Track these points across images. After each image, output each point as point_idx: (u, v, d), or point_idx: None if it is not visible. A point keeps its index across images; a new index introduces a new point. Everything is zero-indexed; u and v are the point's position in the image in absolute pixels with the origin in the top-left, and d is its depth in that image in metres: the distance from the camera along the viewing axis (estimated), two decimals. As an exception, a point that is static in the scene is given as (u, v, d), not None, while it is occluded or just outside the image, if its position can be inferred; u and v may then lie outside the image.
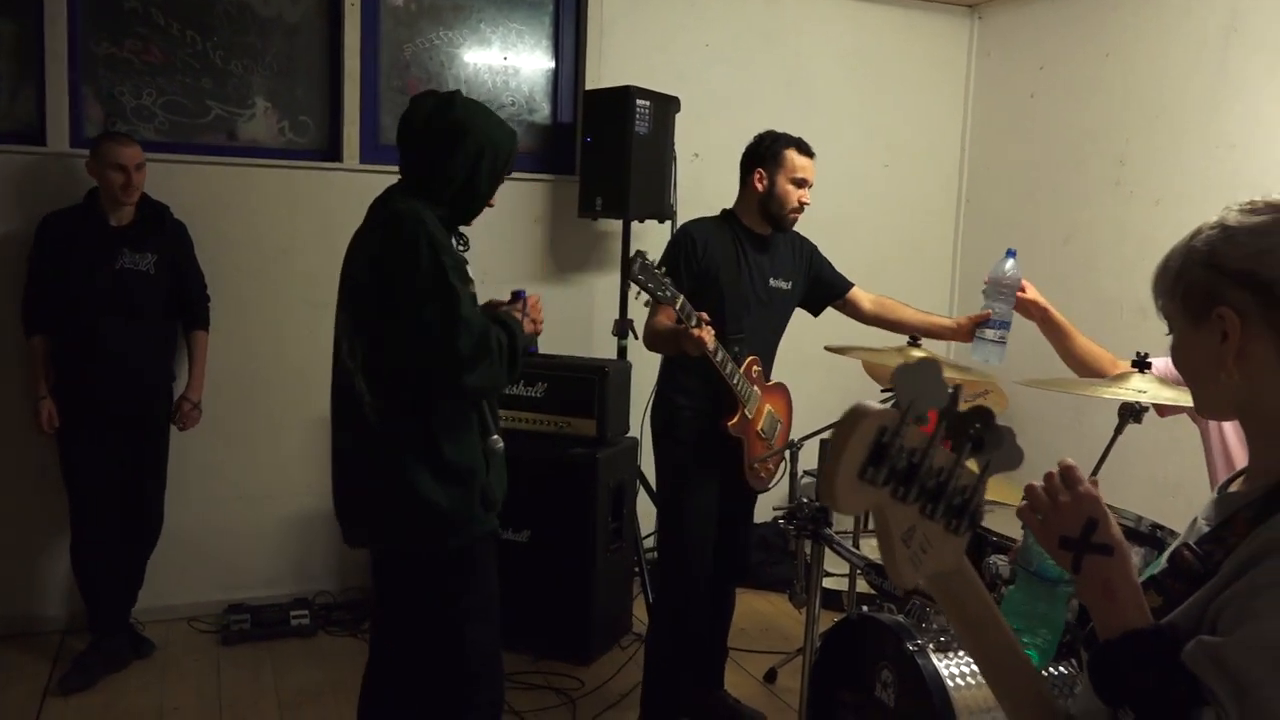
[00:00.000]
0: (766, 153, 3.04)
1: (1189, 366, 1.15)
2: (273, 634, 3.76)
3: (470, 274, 2.24)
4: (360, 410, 2.21)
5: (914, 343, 2.92)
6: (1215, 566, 1.07)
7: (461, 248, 2.31)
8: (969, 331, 2.96)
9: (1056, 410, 4.32)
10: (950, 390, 0.90)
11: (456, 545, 2.24)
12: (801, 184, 3.05)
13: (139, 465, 3.52)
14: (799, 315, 4.95)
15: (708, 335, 2.77)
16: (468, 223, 2.36)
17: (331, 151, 4.09)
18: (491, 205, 2.37)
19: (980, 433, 0.93)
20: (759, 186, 3.03)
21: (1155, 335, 4.06)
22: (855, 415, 0.87)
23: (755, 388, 3.02)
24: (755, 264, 3.08)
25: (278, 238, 3.97)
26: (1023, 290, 2.84)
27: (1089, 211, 4.36)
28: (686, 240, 3.03)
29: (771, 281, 3.12)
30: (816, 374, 4.52)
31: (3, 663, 3.50)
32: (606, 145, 4.03)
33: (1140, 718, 1.02)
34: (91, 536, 3.46)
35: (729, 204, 3.20)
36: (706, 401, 3.02)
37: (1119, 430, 2.10)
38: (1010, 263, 2.80)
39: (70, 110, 3.71)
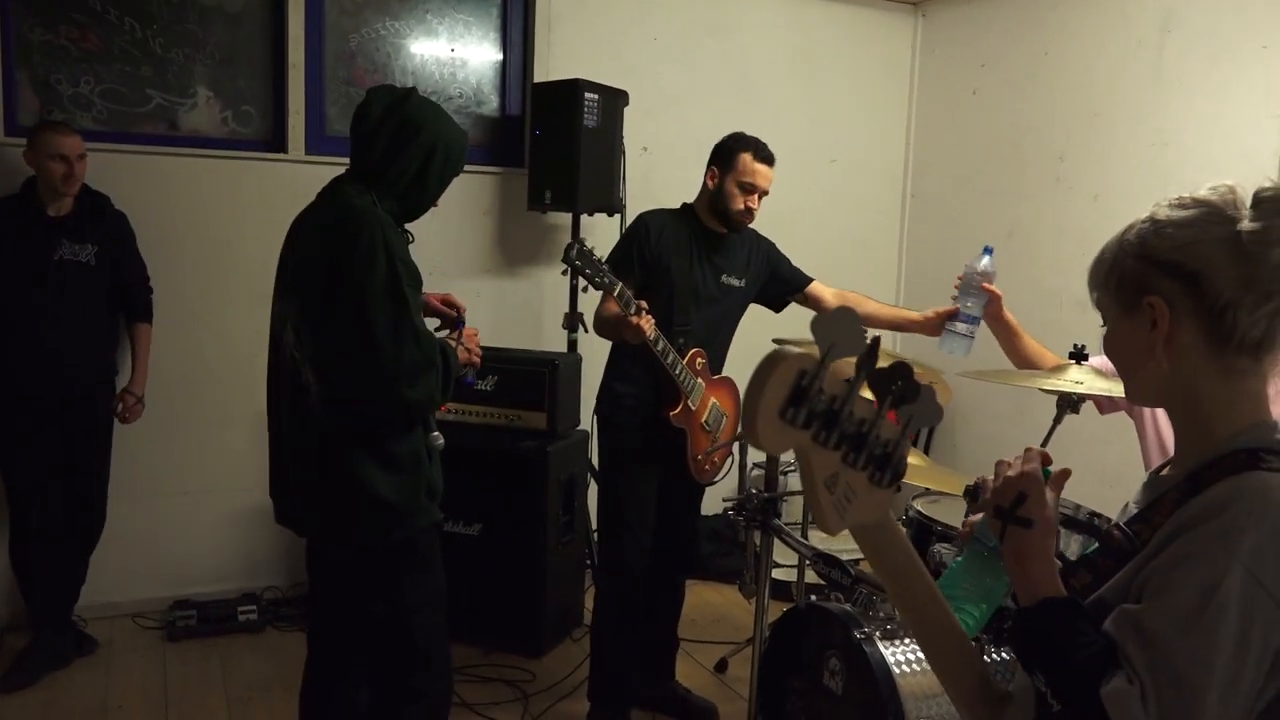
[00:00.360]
0: (724, 152, 3.07)
1: (1121, 355, 1.21)
2: (220, 630, 3.73)
3: (418, 274, 2.25)
4: (305, 400, 2.19)
5: (861, 336, 2.95)
6: (1143, 545, 1.12)
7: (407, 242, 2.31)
8: (937, 325, 3.02)
9: (999, 402, 4.42)
10: (869, 340, 0.91)
11: (402, 537, 2.25)
12: (750, 189, 3.06)
13: (80, 460, 3.46)
14: (759, 309, 5.01)
15: (646, 324, 2.80)
16: (413, 219, 2.36)
17: (276, 142, 4.04)
18: (436, 205, 2.39)
19: (901, 389, 0.95)
20: (709, 183, 3.08)
21: (1093, 328, 4.15)
22: (775, 356, 0.89)
23: (699, 380, 3.05)
24: (708, 259, 3.11)
25: (221, 229, 3.91)
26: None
27: (1030, 207, 4.46)
28: (641, 228, 3.06)
29: (724, 278, 3.15)
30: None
31: (-62, 664, 3.42)
32: (555, 138, 4.03)
33: (1050, 682, 1.07)
34: (31, 533, 3.39)
35: (677, 198, 3.22)
36: (649, 390, 3.05)
37: (1057, 420, 2.16)
38: (986, 259, 2.87)
39: (4, 98, 3.62)
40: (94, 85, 3.79)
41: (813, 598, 2.78)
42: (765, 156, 3.07)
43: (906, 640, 2.50)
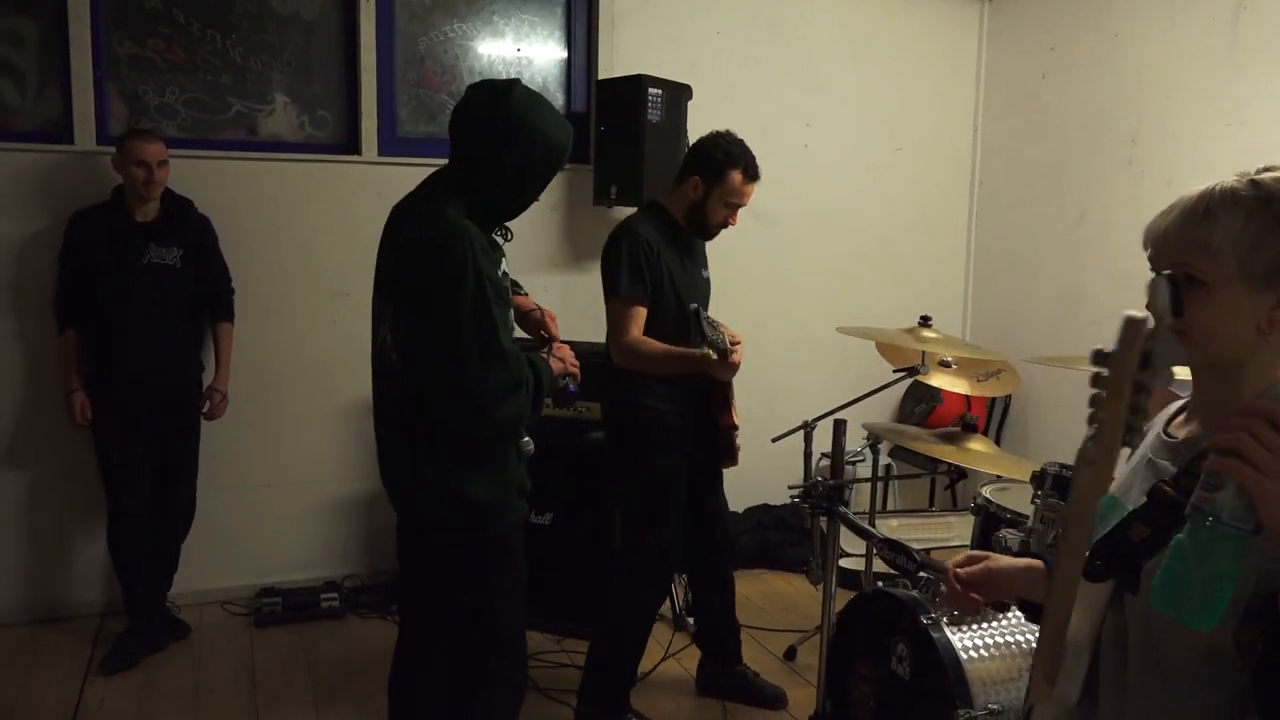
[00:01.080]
0: (712, 164, 2.95)
1: (1223, 323, 1.20)
2: (303, 616, 3.87)
3: (509, 290, 2.23)
4: (400, 400, 2.21)
5: (925, 322, 2.96)
6: None
7: (502, 238, 2.28)
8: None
9: (1069, 391, 4.36)
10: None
11: (493, 534, 2.28)
12: (735, 208, 3.00)
13: (171, 455, 3.62)
14: (810, 295, 5.03)
15: (738, 356, 2.77)
16: (511, 219, 2.29)
17: (349, 145, 4.16)
18: (538, 200, 2.30)
19: (1159, 349, 1.04)
20: (691, 193, 2.98)
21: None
22: (1133, 322, 1.03)
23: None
24: (689, 257, 3.07)
25: (298, 230, 4.05)
26: None
27: (1102, 190, 4.39)
28: (640, 242, 2.92)
29: (704, 273, 3.15)
30: (830, 356, 4.59)
31: (45, 644, 3.61)
32: (620, 134, 4.08)
33: None
34: (127, 524, 3.56)
35: None
36: (688, 404, 3.01)
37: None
38: None
39: (95, 109, 3.79)
40: (178, 95, 3.95)
41: (879, 584, 2.79)
42: (754, 174, 2.98)
43: (974, 626, 2.51)
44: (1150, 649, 1.26)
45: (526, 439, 2.31)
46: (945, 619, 2.50)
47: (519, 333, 2.37)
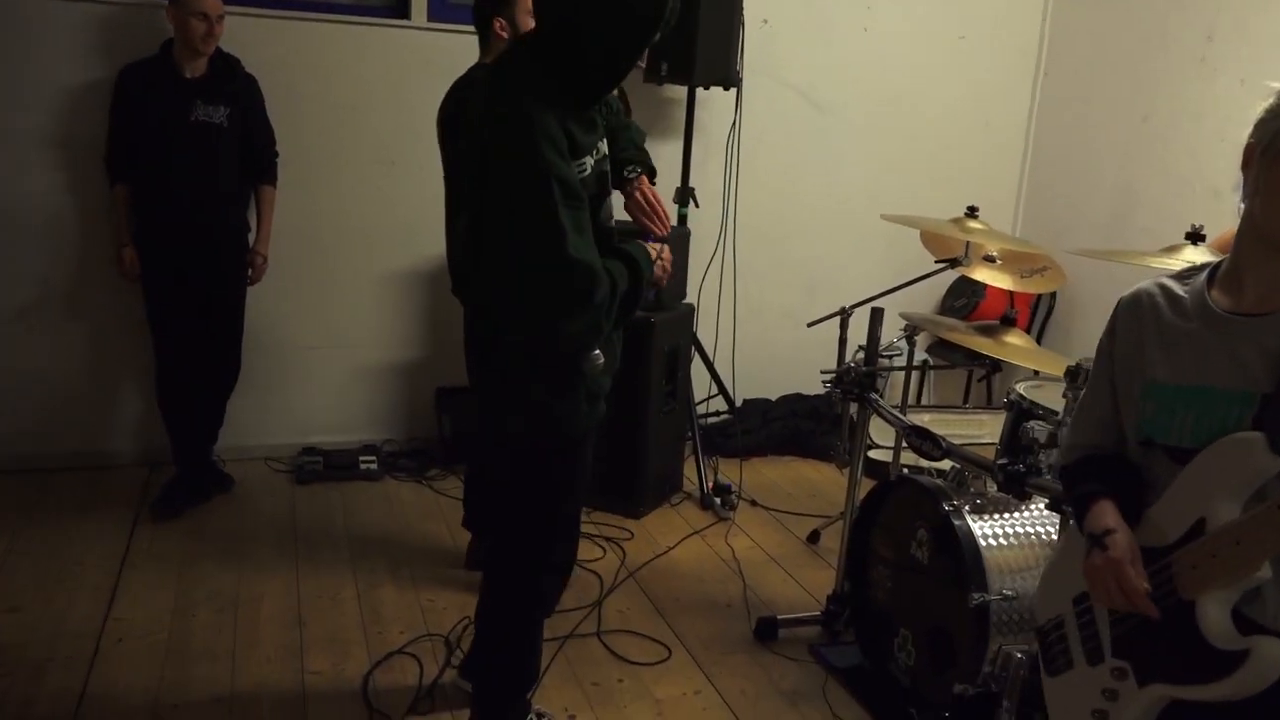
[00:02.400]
0: None
1: None
2: (343, 476, 3.99)
3: (591, 174, 2.04)
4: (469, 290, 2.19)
5: (972, 213, 2.91)
6: None
7: (588, 132, 2.05)
8: None
9: (1114, 290, 4.28)
10: None
11: (559, 439, 2.22)
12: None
13: (217, 312, 3.69)
14: (860, 183, 4.94)
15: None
16: (602, 95, 2.08)
17: (400, 8, 4.10)
18: (640, 66, 2.14)
19: None
20: (504, 34, 2.84)
21: (1224, 218, 4.02)
22: None
23: None
24: None
25: (346, 94, 4.03)
26: None
27: (1171, 89, 4.21)
28: (545, 122, 2.74)
29: None
30: (875, 245, 4.54)
31: (96, 491, 3.77)
32: (674, 8, 3.97)
33: None
34: (174, 377, 3.66)
35: (797, 72, 3.11)
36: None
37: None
38: None
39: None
40: (229, -50, 3.89)
41: (905, 471, 2.82)
42: None
43: (996, 515, 2.54)
44: None
45: (596, 352, 2.10)
46: (968, 506, 2.52)
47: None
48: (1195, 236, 2.13)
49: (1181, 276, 1.54)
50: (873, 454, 4.16)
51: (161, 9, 3.52)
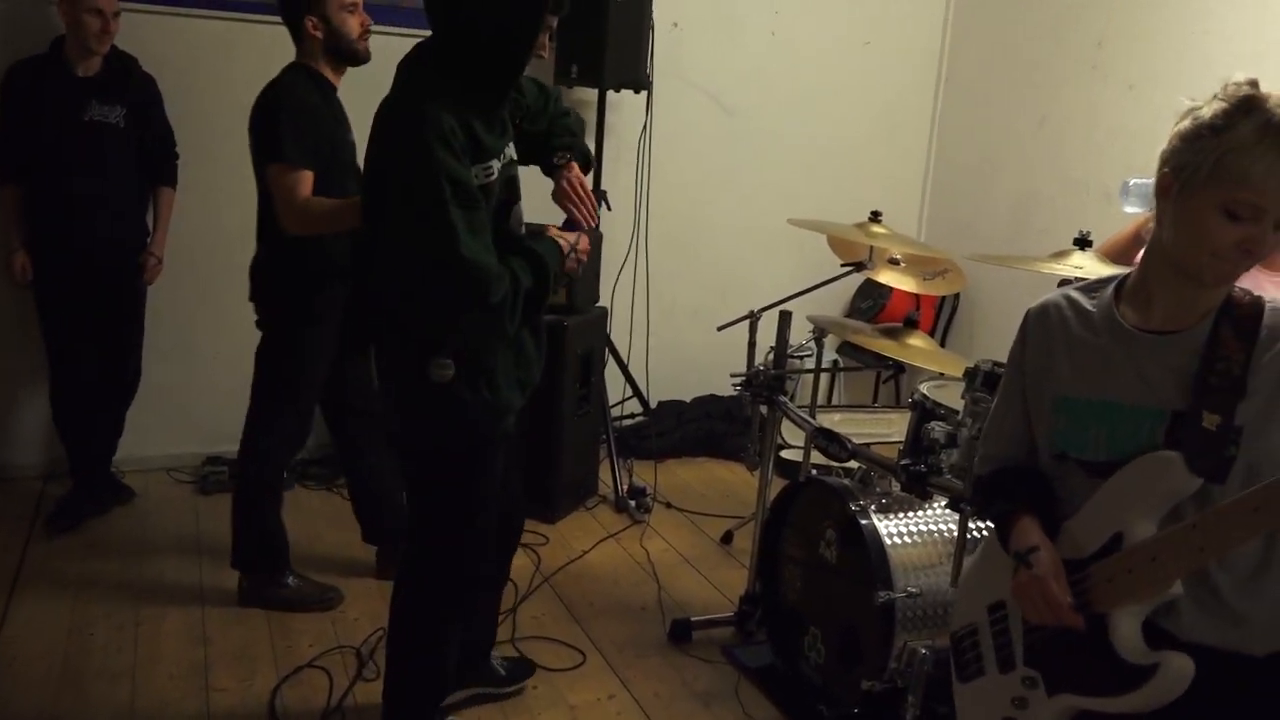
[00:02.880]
0: None
1: None
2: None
3: (497, 178, 2.03)
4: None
5: (875, 218, 2.97)
6: (1241, 376, 1.36)
7: (496, 135, 2.05)
8: None
9: (1015, 292, 4.41)
10: None
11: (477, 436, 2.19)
12: (355, 6, 2.89)
13: (115, 317, 3.57)
14: (768, 187, 4.99)
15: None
16: (504, 91, 2.05)
17: (381, 14, 4.00)
18: (543, 56, 2.07)
19: None
20: (316, 31, 2.85)
21: (1116, 221, 4.13)
22: None
23: None
24: (340, 123, 2.96)
25: (249, 95, 3.89)
26: None
27: (1064, 94, 4.36)
28: (306, 106, 2.82)
29: (349, 135, 2.99)
30: (783, 249, 4.60)
31: (-14, 506, 3.62)
32: (583, 11, 3.95)
33: None
34: (70, 385, 3.54)
35: (707, 75, 3.12)
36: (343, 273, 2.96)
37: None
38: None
39: (33, -45, 3.62)
40: (123, -57, 3.77)
41: (814, 472, 2.87)
42: None
43: (900, 514, 2.60)
44: None
45: (445, 360, 2.05)
46: (874, 506, 2.58)
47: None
48: (1083, 242, 2.21)
49: (1088, 289, 1.56)
50: (785, 454, 4.23)
51: (52, 4, 3.40)
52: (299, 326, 3.00)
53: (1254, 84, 1.35)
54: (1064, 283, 2.16)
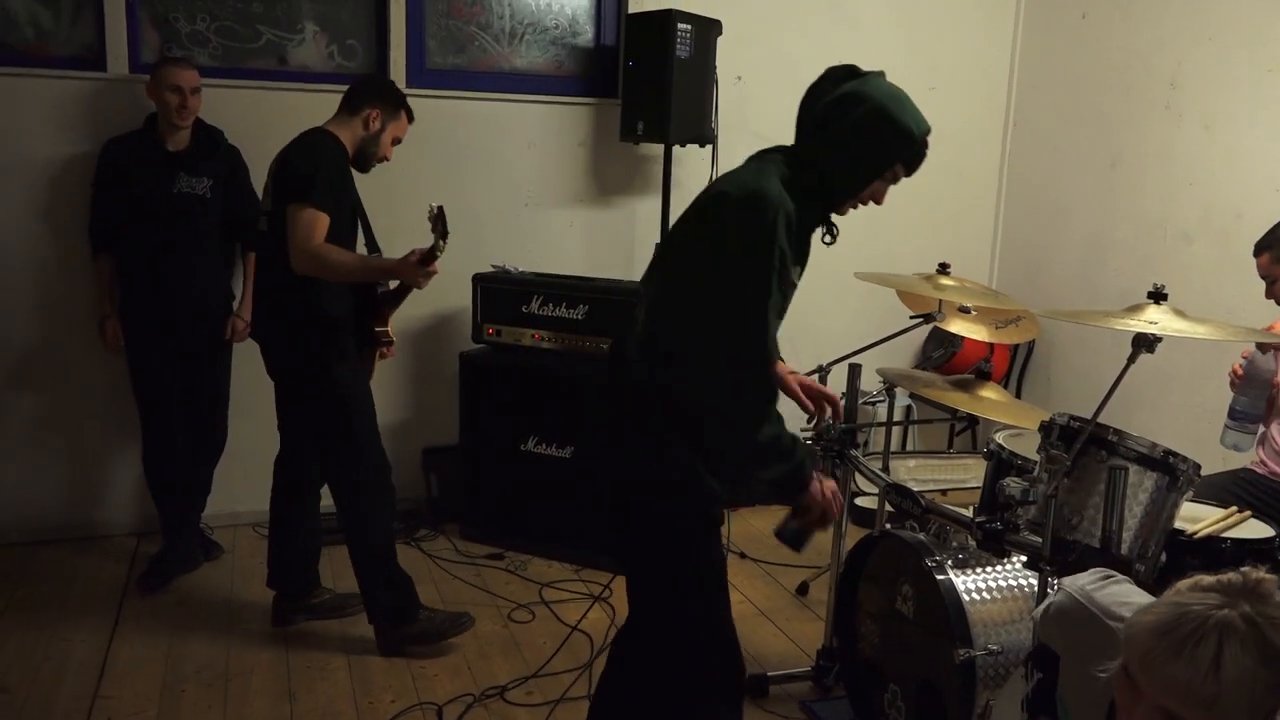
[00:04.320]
0: (393, 100, 3.15)
1: None
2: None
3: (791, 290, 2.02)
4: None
5: (944, 270, 2.97)
6: None
7: (827, 239, 2.16)
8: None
9: (1093, 337, 4.34)
10: None
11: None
12: (398, 143, 3.22)
13: (203, 382, 3.71)
14: (821, 244, 4.98)
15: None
16: (840, 210, 2.13)
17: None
18: (878, 203, 2.17)
19: None
20: (370, 126, 3.12)
21: (1196, 261, 4.10)
22: None
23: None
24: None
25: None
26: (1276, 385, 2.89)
27: (1137, 134, 4.31)
28: (338, 156, 3.06)
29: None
30: (852, 299, 4.59)
31: (83, 564, 3.76)
32: (648, 69, 4.05)
33: None
34: (161, 447, 3.67)
35: (771, 127, 3.16)
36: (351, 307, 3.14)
37: (1131, 359, 2.15)
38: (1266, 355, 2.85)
39: (128, 35, 3.82)
40: (209, 23, 3.96)
41: (888, 526, 2.85)
42: (413, 117, 3.24)
43: (978, 569, 2.56)
44: None
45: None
46: (950, 561, 2.55)
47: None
48: (1158, 295, 2.18)
49: None
50: (860, 501, 4.20)
51: (140, 83, 3.58)
52: (332, 365, 3.10)
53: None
54: (1139, 339, 2.13)
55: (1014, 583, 2.56)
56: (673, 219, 4.29)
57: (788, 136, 2.11)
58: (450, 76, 4.26)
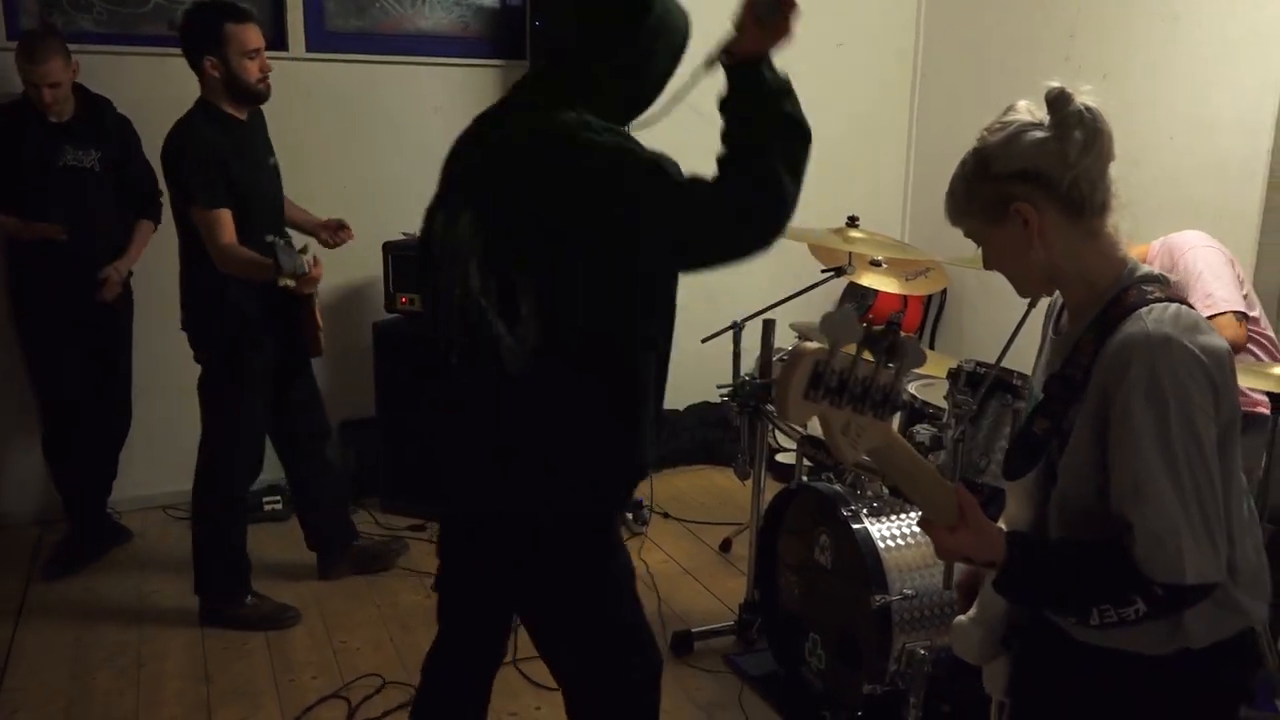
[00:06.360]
0: (205, 34, 2.94)
1: (1005, 261, 1.44)
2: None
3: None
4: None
5: (853, 223, 2.98)
6: (1083, 381, 1.34)
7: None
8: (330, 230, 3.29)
9: (1000, 285, 4.41)
10: (862, 328, 1.16)
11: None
12: (257, 53, 2.99)
13: (102, 360, 3.58)
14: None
15: (318, 272, 2.92)
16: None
17: (276, 40, 4.02)
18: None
19: (890, 346, 1.18)
20: (215, 73, 2.95)
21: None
22: (795, 355, 1.16)
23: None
24: (254, 148, 3.11)
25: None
26: None
27: (1040, 87, 4.36)
28: (207, 146, 2.93)
29: (270, 159, 3.18)
30: (768, 256, 4.59)
31: (-16, 554, 3.62)
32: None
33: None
34: (61, 431, 3.54)
35: (677, 80, 3.13)
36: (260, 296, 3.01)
37: (1032, 305, 2.18)
38: None
39: (3, 4, 3.63)
40: (92, -14, 3.79)
41: (805, 479, 2.88)
42: (243, 15, 2.98)
43: (893, 517, 2.60)
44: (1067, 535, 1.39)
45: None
46: (865, 510, 2.58)
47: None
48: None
49: None
50: (780, 457, 4.24)
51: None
52: (240, 351, 3.10)
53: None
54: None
55: (927, 528, 2.60)
56: (586, 181, 4.28)
57: (696, 90, 2.05)
58: (351, 39, 4.14)
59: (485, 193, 1.72)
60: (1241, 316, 2.81)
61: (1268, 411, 2.53)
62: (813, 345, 1.16)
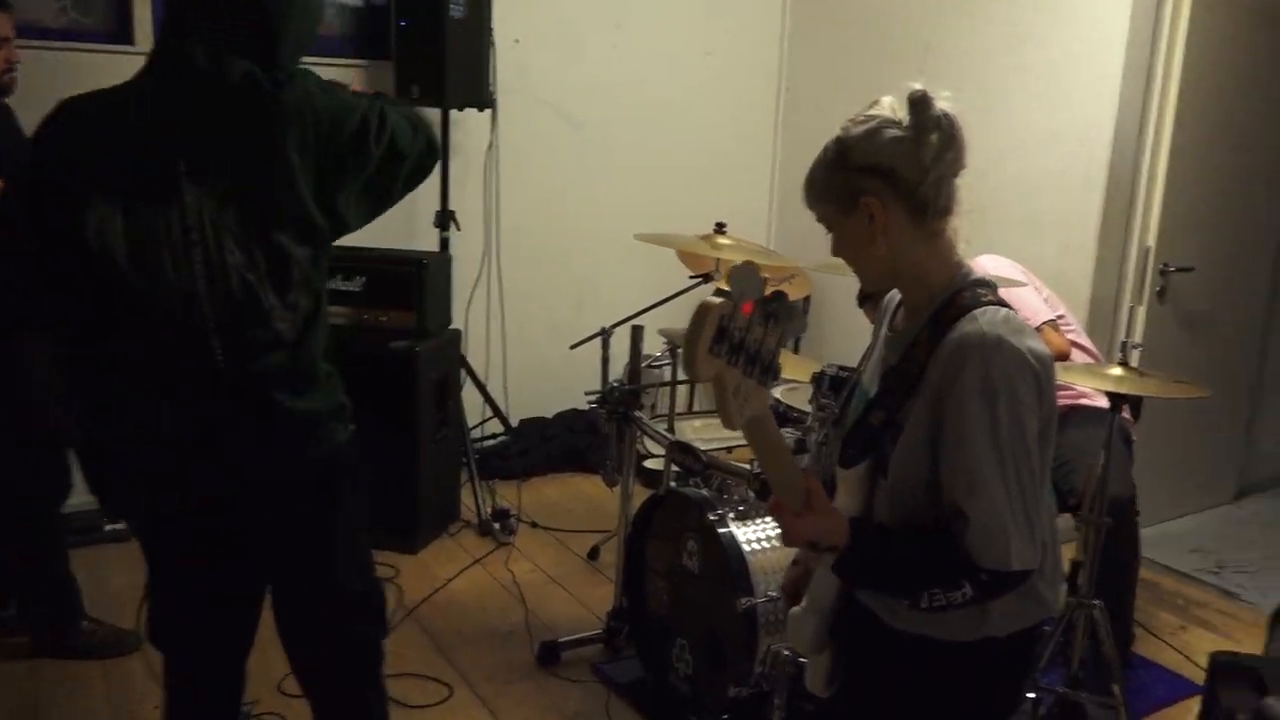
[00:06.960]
0: None
1: (850, 250, 1.47)
2: (86, 541, 3.65)
3: None
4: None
5: (720, 229, 3.01)
6: (918, 376, 1.39)
7: None
8: None
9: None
10: (764, 280, 1.21)
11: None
12: (3, 43, 2.80)
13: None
14: (618, 200, 4.98)
15: None
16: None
17: (121, 33, 3.82)
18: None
19: (775, 309, 1.22)
20: None
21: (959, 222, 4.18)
22: (702, 309, 1.17)
23: None
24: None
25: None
26: None
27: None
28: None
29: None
30: (637, 262, 4.62)
31: None
32: (421, 29, 3.90)
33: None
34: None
35: (554, 92, 3.11)
36: None
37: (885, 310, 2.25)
38: None
39: None
40: (-89, -32, 3.51)
41: (674, 485, 2.87)
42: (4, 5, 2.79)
43: (759, 521, 2.62)
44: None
45: None
46: (731, 514, 2.60)
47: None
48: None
49: None
50: (649, 463, 4.24)
51: None
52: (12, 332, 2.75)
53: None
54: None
55: (792, 531, 2.63)
56: (453, 185, 4.22)
57: (569, 99, 2.04)
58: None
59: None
60: (1052, 324, 2.98)
61: (1103, 405, 2.65)
62: (718, 300, 1.18)
